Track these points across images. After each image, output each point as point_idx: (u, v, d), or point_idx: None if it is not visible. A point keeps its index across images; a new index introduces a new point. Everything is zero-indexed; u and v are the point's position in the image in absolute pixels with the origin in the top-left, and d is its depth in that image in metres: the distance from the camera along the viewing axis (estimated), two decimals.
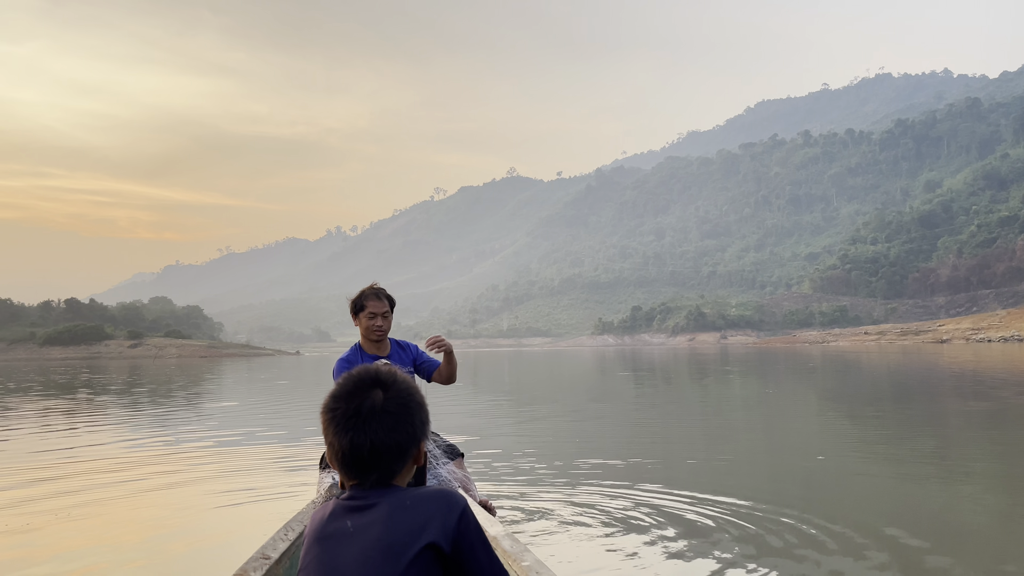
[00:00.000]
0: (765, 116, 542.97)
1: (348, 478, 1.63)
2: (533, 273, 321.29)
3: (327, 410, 1.63)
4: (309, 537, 1.63)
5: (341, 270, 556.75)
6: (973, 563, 4.56)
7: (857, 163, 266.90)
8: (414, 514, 1.54)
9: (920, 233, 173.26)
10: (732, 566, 4.61)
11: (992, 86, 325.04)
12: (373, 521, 1.55)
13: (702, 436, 11.53)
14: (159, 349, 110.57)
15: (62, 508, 6.61)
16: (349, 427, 1.58)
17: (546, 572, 2.33)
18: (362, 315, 4.42)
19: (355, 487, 1.62)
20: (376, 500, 1.57)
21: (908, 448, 9.63)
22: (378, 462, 1.58)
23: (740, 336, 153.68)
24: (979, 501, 6.35)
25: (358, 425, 1.57)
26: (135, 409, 17.78)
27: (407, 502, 1.56)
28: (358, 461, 1.58)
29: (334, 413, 1.61)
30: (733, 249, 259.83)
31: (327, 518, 1.61)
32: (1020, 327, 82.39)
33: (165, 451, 10.31)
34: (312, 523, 1.65)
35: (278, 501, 6.78)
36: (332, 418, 1.61)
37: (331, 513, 1.61)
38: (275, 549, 2.59)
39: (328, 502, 1.67)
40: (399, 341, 4.71)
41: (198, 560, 4.99)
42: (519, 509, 6.17)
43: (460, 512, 1.56)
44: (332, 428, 1.60)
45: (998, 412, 13.70)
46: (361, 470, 1.59)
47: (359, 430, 1.57)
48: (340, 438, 1.58)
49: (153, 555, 5.06)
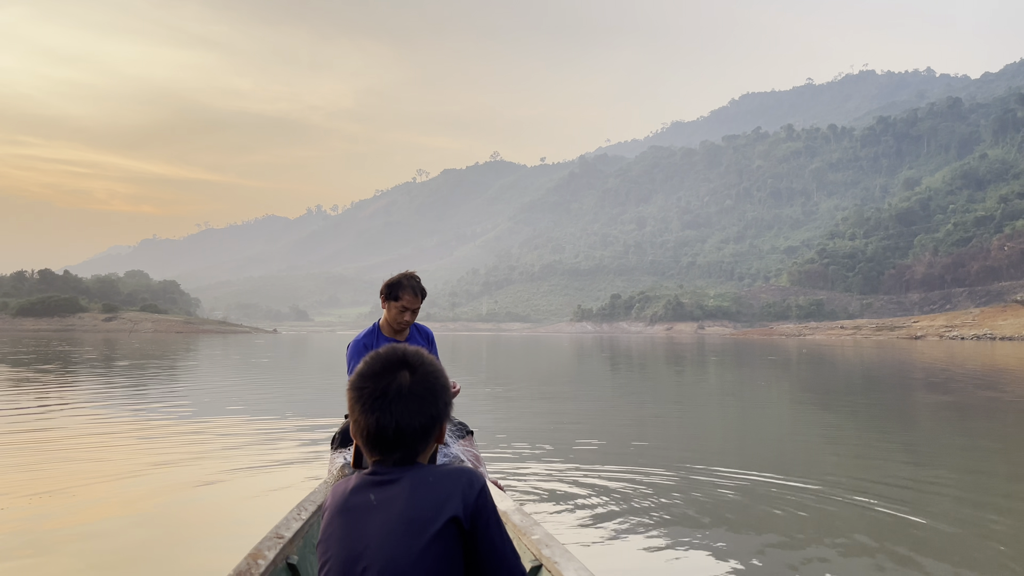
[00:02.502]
0: (749, 108, 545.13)
1: (371, 455, 1.65)
2: (514, 258, 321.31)
3: (354, 388, 1.65)
4: (331, 509, 1.65)
5: (320, 249, 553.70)
6: (937, 514, 4.96)
7: (838, 159, 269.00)
8: (437, 490, 1.58)
9: (897, 230, 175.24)
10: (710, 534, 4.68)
11: (973, 86, 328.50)
12: (396, 495, 1.58)
13: (681, 419, 11.59)
14: (134, 323, 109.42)
15: (48, 489, 6.49)
16: (376, 407, 1.60)
17: (555, 544, 2.36)
18: (393, 304, 4.26)
19: (378, 463, 1.65)
20: (399, 476, 1.61)
21: (877, 432, 9.76)
22: (402, 442, 1.61)
23: (717, 327, 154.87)
24: (946, 471, 6.46)
25: (384, 406, 1.60)
26: (134, 386, 17.56)
27: (429, 478, 1.59)
28: (383, 440, 1.61)
29: (361, 392, 1.63)
30: (713, 240, 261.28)
31: (350, 491, 1.64)
32: (992, 326, 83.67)
33: (166, 429, 10.19)
34: (334, 496, 1.67)
35: (272, 476, 6.72)
36: (359, 397, 1.63)
37: (354, 487, 1.64)
38: (288, 528, 2.62)
39: (350, 476, 1.69)
40: (417, 325, 4.60)
41: (208, 541, 4.92)
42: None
43: (480, 489, 1.60)
44: (359, 407, 1.63)
45: (965, 405, 13.99)
46: (385, 448, 1.62)
47: (385, 411, 1.59)
48: (366, 417, 1.61)
49: (160, 536, 4.97)
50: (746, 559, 4.48)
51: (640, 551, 4.61)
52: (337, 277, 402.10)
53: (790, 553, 4.62)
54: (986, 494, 6.26)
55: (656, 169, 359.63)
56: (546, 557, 2.29)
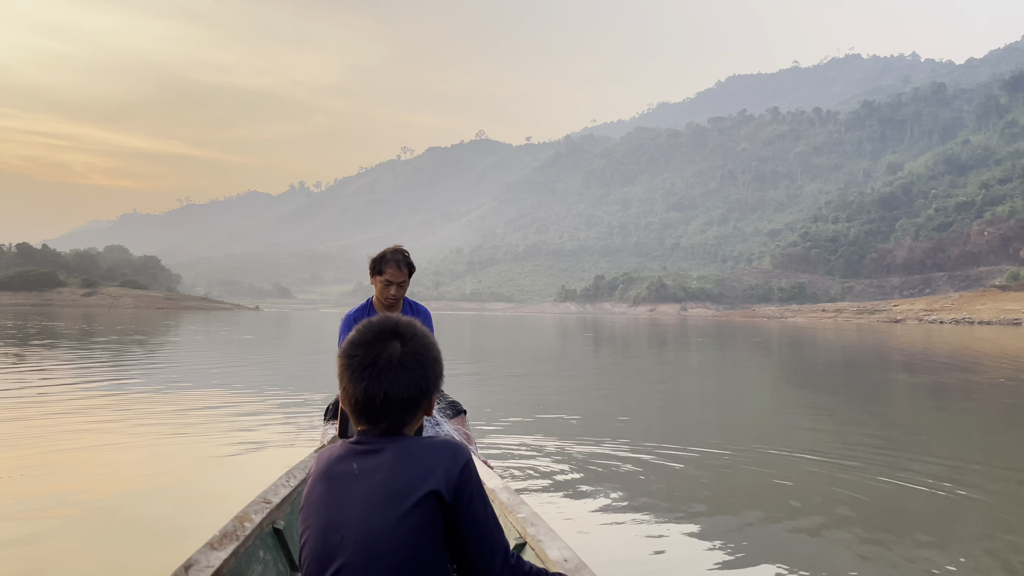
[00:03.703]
0: (735, 90, 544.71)
1: (358, 424, 1.65)
2: (498, 238, 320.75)
3: (344, 356, 1.65)
4: (314, 476, 1.66)
5: (303, 226, 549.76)
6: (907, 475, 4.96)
7: (823, 142, 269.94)
8: (419, 462, 1.58)
9: (880, 214, 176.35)
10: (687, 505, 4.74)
11: (958, 72, 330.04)
12: (379, 465, 1.58)
13: (664, 399, 11.67)
14: (114, 299, 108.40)
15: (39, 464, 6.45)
16: (364, 376, 1.60)
17: (540, 523, 2.39)
18: (378, 278, 4.24)
19: (364, 432, 1.65)
20: (383, 446, 1.61)
21: (856, 410, 9.88)
22: (389, 412, 1.61)
23: (700, 308, 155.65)
24: (921, 446, 6.58)
25: (373, 375, 1.60)
26: (118, 361, 17.44)
27: (413, 450, 1.60)
28: (370, 409, 1.61)
29: (351, 360, 1.63)
30: (697, 222, 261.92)
31: (334, 459, 1.64)
32: (971, 310, 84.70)
33: (149, 401, 10.14)
34: (318, 462, 1.68)
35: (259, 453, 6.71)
36: (348, 365, 1.63)
37: (339, 455, 1.64)
38: (276, 494, 2.62)
39: (336, 443, 1.70)
40: (413, 303, 4.56)
41: (194, 508, 4.96)
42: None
43: (464, 463, 1.60)
44: (348, 375, 1.63)
45: (941, 386, 14.22)
46: (372, 418, 1.62)
47: (374, 380, 1.60)
48: (355, 386, 1.61)
49: (150, 504, 5.02)
50: (726, 531, 4.54)
51: (622, 526, 4.66)
52: (320, 255, 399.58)
53: (772, 526, 4.69)
54: (960, 464, 6.41)
55: (641, 150, 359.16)
56: (531, 535, 2.31)
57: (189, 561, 1.92)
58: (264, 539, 2.39)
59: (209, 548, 2.02)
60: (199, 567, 1.90)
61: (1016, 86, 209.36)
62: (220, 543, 2.07)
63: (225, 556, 2.01)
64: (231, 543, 2.09)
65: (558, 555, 2.10)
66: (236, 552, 2.09)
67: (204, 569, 1.89)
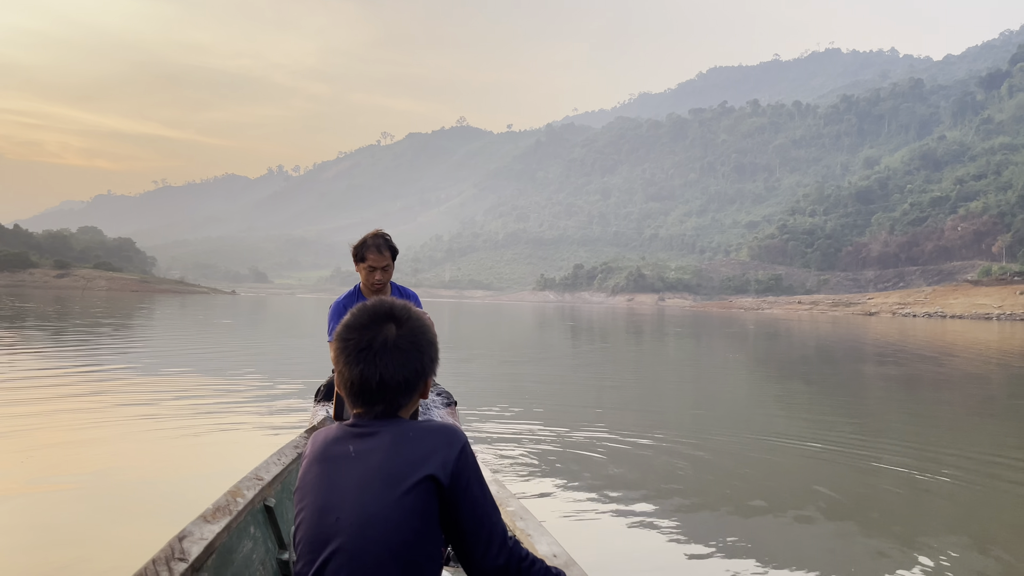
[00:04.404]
0: (716, 82, 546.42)
1: (354, 407, 1.65)
2: (478, 225, 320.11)
3: (340, 339, 1.64)
4: (310, 457, 1.65)
5: (281, 210, 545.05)
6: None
7: (802, 135, 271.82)
8: (416, 445, 1.57)
9: (856, 208, 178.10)
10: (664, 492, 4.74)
11: (935, 68, 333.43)
12: (375, 448, 1.58)
13: (645, 387, 11.71)
14: (87, 281, 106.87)
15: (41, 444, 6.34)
16: (360, 359, 1.60)
17: (529, 518, 2.39)
18: (362, 266, 4.23)
19: (360, 415, 1.65)
20: (380, 429, 1.60)
21: (828, 398, 9.99)
22: (385, 395, 1.61)
23: (678, 299, 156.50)
24: (890, 431, 6.68)
25: (369, 358, 1.60)
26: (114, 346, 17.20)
27: (410, 433, 1.59)
28: (366, 392, 1.61)
29: (346, 343, 1.63)
30: (676, 213, 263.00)
31: (330, 441, 1.64)
32: (944, 304, 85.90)
33: (127, 385, 10.01)
34: (314, 444, 1.67)
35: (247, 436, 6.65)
36: (344, 348, 1.63)
37: (335, 437, 1.64)
38: (268, 472, 2.63)
39: (332, 425, 1.69)
40: (402, 288, 4.51)
41: (187, 484, 5.01)
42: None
43: (461, 447, 1.59)
44: (343, 358, 1.62)
45: (911, 377, 14.40)
46: (368, 401, 1.62)
47: (369, 363, 1.59)
48: (350, 368, 1.61)
49: (131, 484, 5.02)
50: (705, 520, 4.61)
51: (603, 516, 4.70)
52: (298, 239, 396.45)
53: (749, 514, 4.74)
54: (930, 451, 6.52)
55: (622, 140, 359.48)
56: (520, 529, 2.32)
57: (183, 532, 1.92)
58: (255, 515, 2.40)
59: (203, 520, 2.02)
60: (192, 539, 1.91)
61: (992, 83, 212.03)
62: (213, 516, 2.08)
63: (218, 530, 2.02)
64: (224, 517, 2.11)
65: (547, 550, 2.10)
66: (228, 526, 2.10)
67: (198, 541, 1.90)
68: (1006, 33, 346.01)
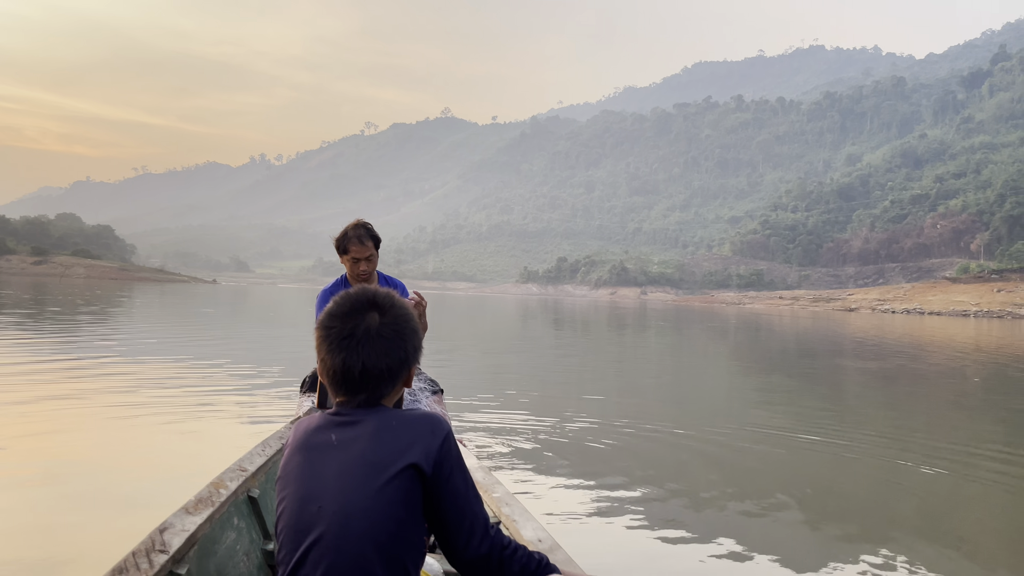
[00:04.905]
0: (701, 77, 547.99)
1: (336, 396, 1.64)
2: (462, 217, 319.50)
3: (322, 327, 1.63)
4: (292, 446, 1.64)
5: (263, 199, 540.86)
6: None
7: (785, 131, 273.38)
8: (399, 434, 1.56)
9: (837, 204, 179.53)
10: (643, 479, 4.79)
11: (917, 67, 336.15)
12: (358, 437, 1.57)
13: (628, 379, 11.76)
14: (66, 268, 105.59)
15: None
16: (342, 347, 1.58)
17: (515, 503, 2.41)
18: (345, 258, 4.22)
19: (342, 404, 1.63)
20: (362, 418, 1.59)
21: (807, 391, 10.09)
22: (367, 383, 1.60)
23: (660, 293, 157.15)
24: (868, 423, 6.77)
25: (351, 346, 1.58)
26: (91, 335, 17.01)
27: (393, 422, 1.58)
28: (348, 381, 1.59)
29: (328, 331, 1.61)
30: (659, 207, 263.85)
31: (312, 430, 1.62)
32: (922, 301, 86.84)
33: (108, 373, 9.91)
34: (296, 433, 1.66)
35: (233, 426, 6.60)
36: (326, 336, 1.61)
37: (317, 426, 1.62)
38: (252, 463, 2.62)
39: (314, 414, 1.68)
40: (388, 277, 4.49)
41: (170, 477, 4.94)
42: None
43: (444, 436, 1.58)
44: (325, 346, 1.61)
45: (889, 372, 14.60)
46: (350, 389, 1.61)
47: (352, 351, 1.58)
48: (332, 357, 1.59)
49: (111, 475, 4.97)
50: (684, 507, 4.64)
51: (585, 504, 4.73)
52: (280, 229, 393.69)
53: (728, 501, 4.79)
54: (904, 439, 6.60)
55: (607, 134, 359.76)
56: (505, 515, 2.33)
57: (164, 524, 1.90)
58: (239, 506, 2.39)
59: (184, 512, 2.01)
60: (173, 530, 1.89)
61: (973, 83, 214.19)
62: (195, 508, 2.07)
63: (200, 521, 2.01)
64: (206, 508, 2.10)
65: (532, 535, 2.11)
66: (211, 518, 2.09)
67: (179, 533, 1.89)
68: (988, 33, 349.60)
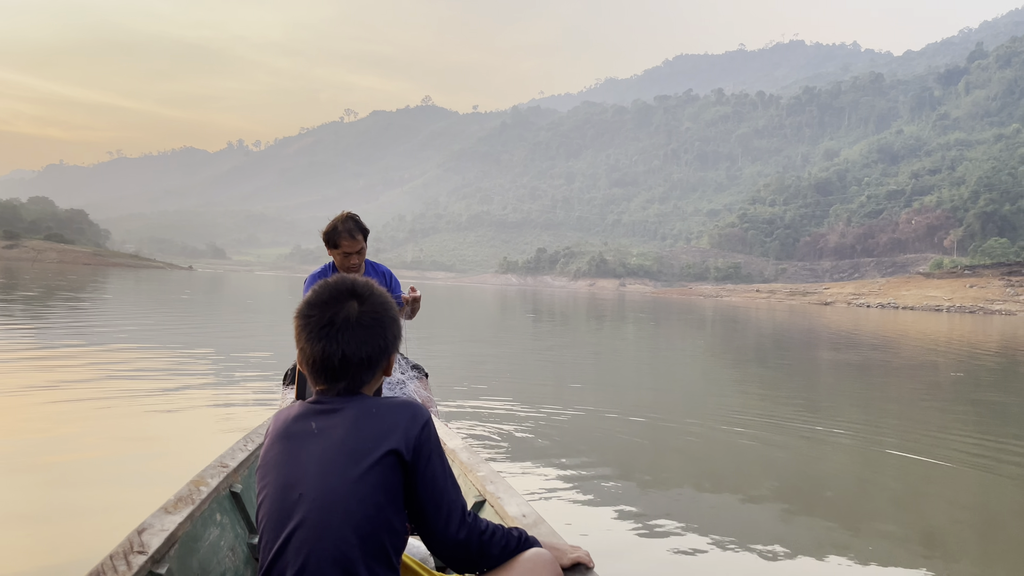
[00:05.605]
0: (682, 70, 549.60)
1: (316, 384, 1.64)
2: (441, 207, 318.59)
3: (301, 316, 1.63)
4: (272, 435, 1.65)
5: (241, 185, 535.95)
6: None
7: (764, 125, 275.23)
8: (379, 421, 1.57)
9: (815, 199, 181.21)
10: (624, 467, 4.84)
11: (895, 63, 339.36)
12: (338, 424, 1.57)
13: (607, 369, 11.79)
14: (38, 252, 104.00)
15: None
16: (322, 336, 1.59)
17: (499, 481, 2.45)
18: (335, 252, 4.17)
19: (322, 392, 1.64)
20: (342, 406, 1.60)
21: (782, 382, 10.19)
22: (347, 372, 1.60)
23: (638, 285, 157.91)
24: (841, 414, 6.85)
25: (331, 335, 1.58)
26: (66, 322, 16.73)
27: (373, 410, 1.59)
28: (328, 369, 1.60)
29: (308, 320, 1.61)
30: (639, 199, 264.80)
31: (292, 419, 1.63)
32: (896, 295, 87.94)
33: (82, 361, 9.76)
34: (276, 422, 1.67)
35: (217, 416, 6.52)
36: (305, 325, 1.61)
37: (297, 414, 1.63)
38: (233, 458, 2.62)
39: (294, 403, 1.68)
40: (374, 264, 4.44)
41: (154, 468, 4.85)
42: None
43: (423, 423, 1.60)
44: (304, 335, 1.61)
45: (862, 364, 14.78)
46: (330, 377, 1.61)
47: (331, 340, 1.58)
48: (312, 345, 1.60)
49: (91, 473, 4.85)
50: (660, 496, 4.66)
51: (565, 490, 4.72)
52: (257, 215, 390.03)
53: (703, 491, 4.82)
54: (876, 429, 6.69)
55: (588, 125, 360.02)
56: (490, 493, 2.37)
57: (142, 525, 1.87)
58: (221, 502, 2.37)
59: (163, 512, 1.98)
60: (152, 531, 1.86)
61: (949, 80, 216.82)
62: (175, 507, 2.04)
63: (180, 520, 1.98)
64: (186, 507, 2.07)
65: (516, 511, 2.15)
66: (192, 516, 2.07)
67: (158, 533, 1.86)
68: (965, 31, 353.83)
